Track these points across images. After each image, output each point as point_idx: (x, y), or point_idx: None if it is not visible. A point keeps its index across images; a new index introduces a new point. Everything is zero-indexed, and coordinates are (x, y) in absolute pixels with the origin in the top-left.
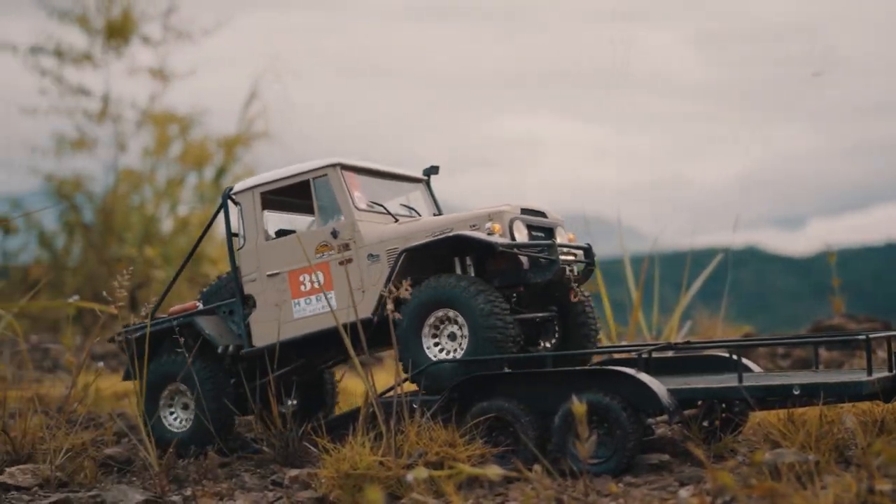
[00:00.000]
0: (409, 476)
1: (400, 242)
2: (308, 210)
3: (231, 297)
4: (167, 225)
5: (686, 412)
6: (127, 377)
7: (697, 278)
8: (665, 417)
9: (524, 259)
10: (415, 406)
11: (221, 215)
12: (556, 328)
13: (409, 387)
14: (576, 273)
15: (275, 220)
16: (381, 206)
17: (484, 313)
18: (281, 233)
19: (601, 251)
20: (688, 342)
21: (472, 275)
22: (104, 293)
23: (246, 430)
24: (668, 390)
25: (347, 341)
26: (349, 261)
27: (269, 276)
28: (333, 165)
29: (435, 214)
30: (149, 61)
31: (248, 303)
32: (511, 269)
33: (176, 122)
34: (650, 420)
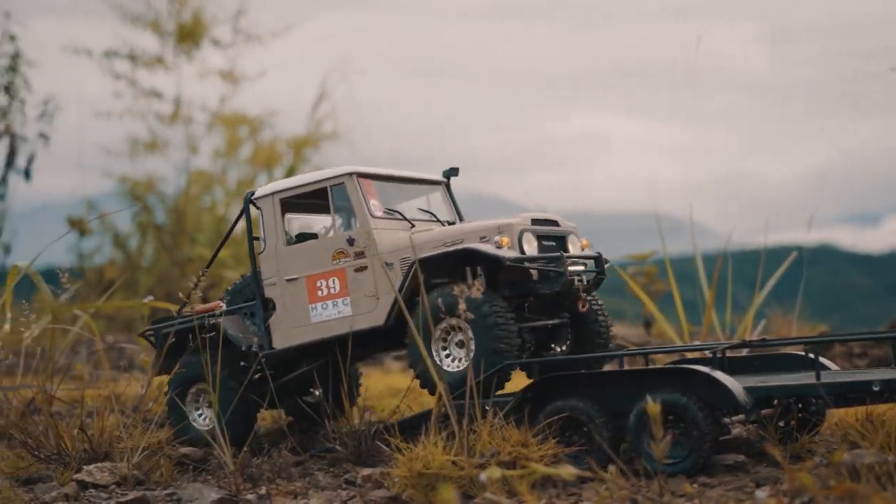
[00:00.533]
0: (483, 475)
1: (413, 252)
2: (327, 212)
3: (252, 298)
4: (238, 226)
5: (762, 412)
6: (159, 373)
7: (771, 277)
8: (741, 417)
9: (534, 270)
10: (487, 407)
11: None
12: (569, 333)
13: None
14: (585, 282)
15: (299, 220)
16: (398, 212)
17: (488, 323)
18: (302, 236)
19: (672, 249)
20: (763, 339)
21: (483, 284)
22: (179, 293)
23: (320, 430)
24: (744, 388)
25: (422, 346)
26: (364, 268)
27: (288, 280)
28: (350, 174)
29: (451, 222)
30: (219, 64)
31: (268, 306)
32: (521, 279)
33: (246, 124)
34: (726, 419)
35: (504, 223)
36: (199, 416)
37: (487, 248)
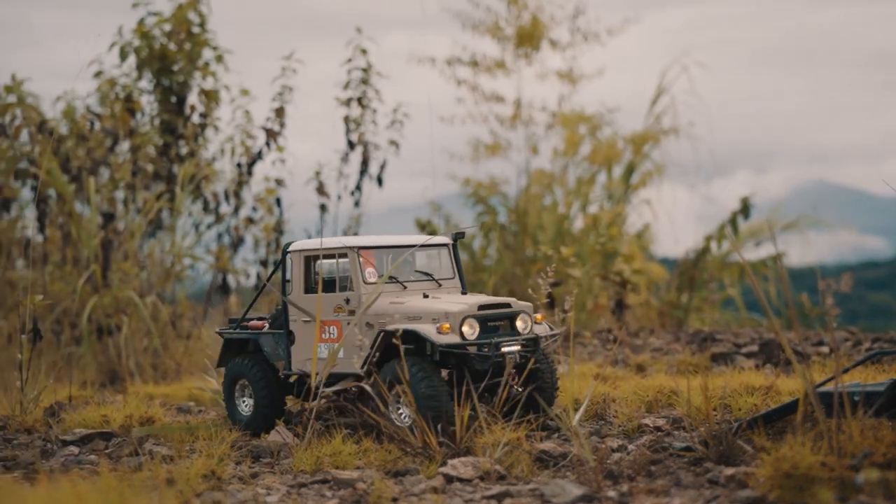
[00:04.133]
0: (859, 478)
1: (387, 319)
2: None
3: (282, 326)
4: (578, 224)
5: None
6: (218, 366)
7: None
8: None
9: (472, 348)
10: (856, 399)
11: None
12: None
13: (845, 379)
14: (518, 359)
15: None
16: (393, 278)
17: (423, 395)
18: (324, 282)
19: None
20: None
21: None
22: (529, 291)
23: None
24: None
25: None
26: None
27: (304, 322)
28: (352, 248)
29: (442, 279)
30: (557, 64)
31: (291, 336)
32: (459, 357)
33: (585, 122)
34: None
35: (451, 311)
36: (243, 403)
37: (428, 331)
